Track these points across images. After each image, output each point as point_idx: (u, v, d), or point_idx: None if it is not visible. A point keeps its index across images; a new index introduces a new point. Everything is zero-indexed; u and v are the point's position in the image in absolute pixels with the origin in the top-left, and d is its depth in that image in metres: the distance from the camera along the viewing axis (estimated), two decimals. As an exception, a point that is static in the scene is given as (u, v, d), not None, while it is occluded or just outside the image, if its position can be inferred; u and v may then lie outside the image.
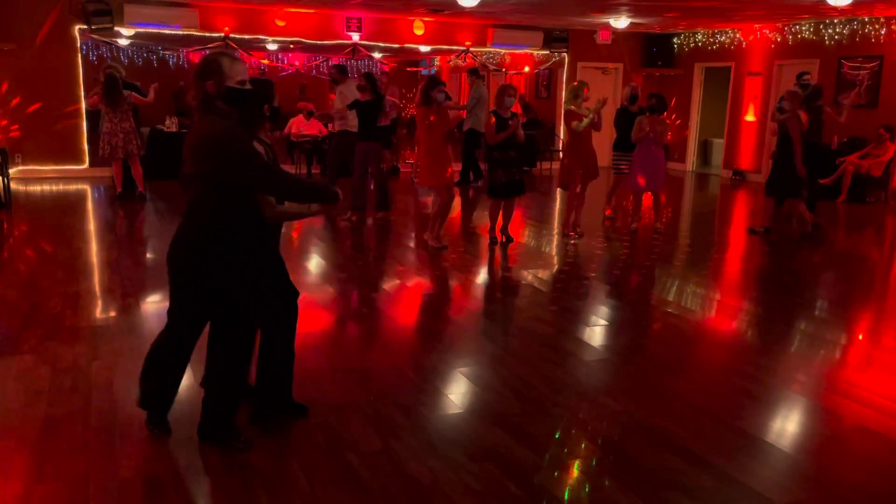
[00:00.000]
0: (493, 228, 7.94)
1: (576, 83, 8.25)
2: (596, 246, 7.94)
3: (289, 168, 13.35)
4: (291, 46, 14.78)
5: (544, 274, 6.96)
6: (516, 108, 9.04)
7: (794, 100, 8.07)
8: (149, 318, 5.29)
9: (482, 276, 6.83)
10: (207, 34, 12.28)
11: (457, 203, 11.06)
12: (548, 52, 14.59)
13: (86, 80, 11.86)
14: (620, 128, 9.02)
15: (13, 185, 10.21)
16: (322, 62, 14.32)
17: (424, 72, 17.81)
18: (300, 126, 12.84)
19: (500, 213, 7.82)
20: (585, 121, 7.84)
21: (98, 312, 5.39)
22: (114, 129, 9.43)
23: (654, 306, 5.98)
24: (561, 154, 7.86)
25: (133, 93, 9.69)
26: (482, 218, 8.94)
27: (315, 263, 7.04)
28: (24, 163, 11.49)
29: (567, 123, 8.10)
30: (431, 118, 7.16)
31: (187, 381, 4.10)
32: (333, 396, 3.90)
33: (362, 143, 8.71)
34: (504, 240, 7.83)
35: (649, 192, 8.72)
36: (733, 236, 9.49)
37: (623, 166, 9.01)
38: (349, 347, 4.90)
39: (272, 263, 3.48)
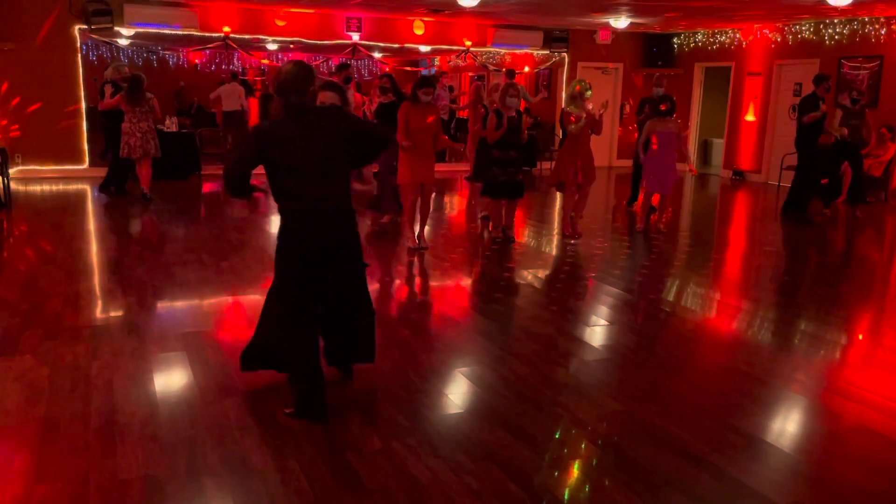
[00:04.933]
0: (494, 228, 7.94)
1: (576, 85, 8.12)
2: (596, 246, 7.94)
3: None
4: (291, 46, 14.79)
5: (544, 274, 6.96)
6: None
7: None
8: (149, 318, 5.29)
9: (482, 276, 6.83)
10: (207, 34, 12.29)
11: (458, 203, 11.08)
12: (548, 52, 14.59)
13: (86, 80, 11.88)
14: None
15: (13, 185, 10.21)
16: (322, 62, 14.32)
17: (424, 72, 17.81)
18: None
19: (502, 212, 7.82)
20: (580, 123, 7.79)
21: (98, 312, 5.39)
22: (132, 129, 9.47)
23: (654, 306, 5.98)
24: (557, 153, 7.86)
25: (154, 97, 9.77)
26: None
27: (315, 263, 7.03)
28: (24, 163, 11.50)
29: (565, 124, 8.08)
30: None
31: (180, 379, 4.11)
32: (333, 397, 3.90)
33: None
34: (501, 238, 7.83)
35: (657, 194, 8.77)
36: (733, 236, 9.50)
37: None
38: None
39: None
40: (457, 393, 4.06)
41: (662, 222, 8.78)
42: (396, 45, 13.84)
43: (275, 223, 9.22)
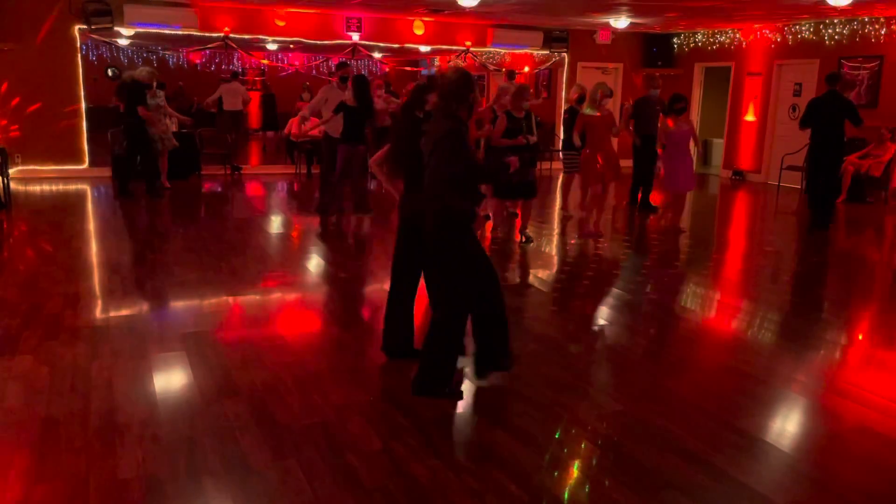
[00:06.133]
0: (494, 228, 7.94)
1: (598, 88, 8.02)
2: (596, 246, 7.94)
3: (288, 168, 13.40)
4: (291, 46, 14.80)
5: (544, 274, 6.96)
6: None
7: None
8: (149, 318, 5.29)
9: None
10: (207, 34, 12.29)
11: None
12: (548, 52, 14.59)
13: (86, 79, 11.88)
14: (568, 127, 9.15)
15: (13, 185, 10.21)
16: (322, 62, 14.33)
17: (424, 72, 17.82)
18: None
19: (504, 213, 7.82)
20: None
21: (98, 312, 5.39)
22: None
23: (654, 306, 5.98)
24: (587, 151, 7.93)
25: None
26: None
27: (315, 263, 7.04)
28: (24, 163, 11.50)
29: (578, 127, 8.10)
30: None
31: (180, 379, 4.11)
32: (333, 396, 3.90)
33: (346, 146, 8.71)
34: (523, 240, 7.83)
35: (670, 192, 8.84)
36: (733, 236, 9.50)
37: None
38: (349, 347, 4.90)
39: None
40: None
41: (680, 221, 8.84)
42: (396, 45, 13.84)
43: (273, 223, 9.27)
